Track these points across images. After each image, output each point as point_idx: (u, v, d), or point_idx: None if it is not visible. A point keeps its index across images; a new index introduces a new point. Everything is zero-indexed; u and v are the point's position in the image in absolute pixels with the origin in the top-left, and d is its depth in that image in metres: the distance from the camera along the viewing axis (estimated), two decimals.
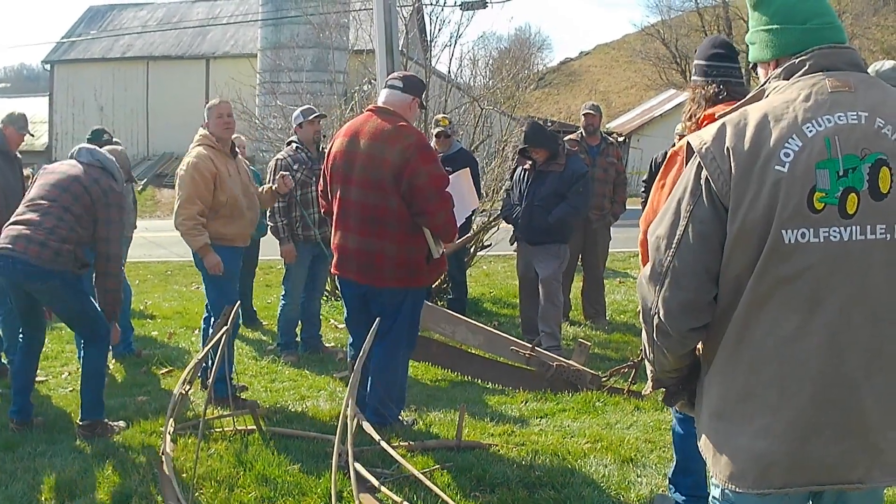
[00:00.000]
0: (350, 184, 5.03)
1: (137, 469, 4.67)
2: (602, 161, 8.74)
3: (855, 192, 2.00)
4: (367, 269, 5.06)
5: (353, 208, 5.04)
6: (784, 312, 2.05)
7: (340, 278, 5.32)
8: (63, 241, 5.17)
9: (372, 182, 4.93)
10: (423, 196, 4.89)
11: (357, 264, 5.09)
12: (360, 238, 5.03)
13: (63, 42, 38.51)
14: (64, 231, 5.19)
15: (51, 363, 7.64)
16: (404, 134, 4.96)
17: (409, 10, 13.40)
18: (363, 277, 5.10)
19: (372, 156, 4.93)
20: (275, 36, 26.31)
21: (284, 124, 11.58)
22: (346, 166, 5.05)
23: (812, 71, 2.14)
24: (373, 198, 4.95)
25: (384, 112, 5.07)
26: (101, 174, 5.42)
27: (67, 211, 5.24)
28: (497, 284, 11.60)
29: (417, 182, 4.86)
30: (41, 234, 5.13)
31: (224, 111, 6.17)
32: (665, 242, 2.16)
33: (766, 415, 2.08)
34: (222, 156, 6.11)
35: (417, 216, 4.95)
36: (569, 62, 59.68)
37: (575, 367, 6.25)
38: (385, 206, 4.93)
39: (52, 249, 5.13)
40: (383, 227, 4.96)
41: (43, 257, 5.11)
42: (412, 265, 5.05)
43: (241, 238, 6.22)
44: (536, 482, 4.32)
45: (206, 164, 5.95)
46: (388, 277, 5.04)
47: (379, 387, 5.14)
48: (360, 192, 4.99)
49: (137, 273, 13.50)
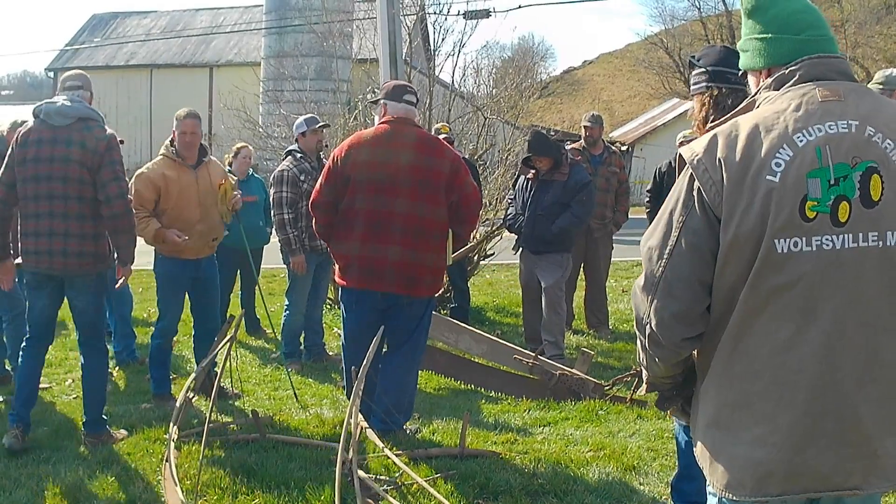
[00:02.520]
0: (390, 194, 4.98)
1: (141, 476, 4.69)
2: (604, 170, 8.75)
3: (846, 200, 2.01)
4: (406, 281, 5.04)
5: (399, 220, 4.99)
6: (778, 322, 2.06)
7: (363, 291, 5.13)
8: (95, 238, 5.15)
9: (424, 194, 4.99)
10: (469, 207, 5.13)
11: (397, 276, 5.02)
12: (404, 250, 4.99)
13: (67, 50, 38.66)
14: (89, 227, 5.12)
15: (54, 370, 7.66)
16: (445, 147, 5.19)
17: (413, 19, 13.45)
18: (402, 289, 5.06)
19: (421, 167, 4.99)
20: (278, 44, 26.40)
21: (288, 133, 11.61)
22: (381, 176, 4.99)
23: (802, 81, 2.16)
24: (423, 209, 5.00)
25: (411, 124, 5.18)
26: (85, 129, 5.09)
27: (81, 200, 5.09)
28: (500, 293, 11.60)
29: (466, 193, 5.08)
30: (73, 245, 5.07)
31: (188, 129, 6.19)
32: (657, 253, 2.18)
33: (762, 424, 2.09)
34: (178, 167, 6.16)
35: (460, 225, 5.20)
36: (572, 71, 59.77)
37: (578, 376, 6.26)
38: (433, 217, 5.03)
39: (89, 254, 5.13)
40: (427, 238, 5.04)
41: (85, 267, 5.14)
42: (440, 274, 5.30)
43: (190, 250, 6.21)
44: (539, 490, 4.33)
45: (151, 174, 6.07)
46: (425, 287, 5.14)
47: (391, 395, 5.09)
48: (409, 204, 4.97)
49: (141, 280, 13.46)
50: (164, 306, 6.36)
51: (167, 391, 6.38)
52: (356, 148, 5.11)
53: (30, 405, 5.37)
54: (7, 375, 6.93)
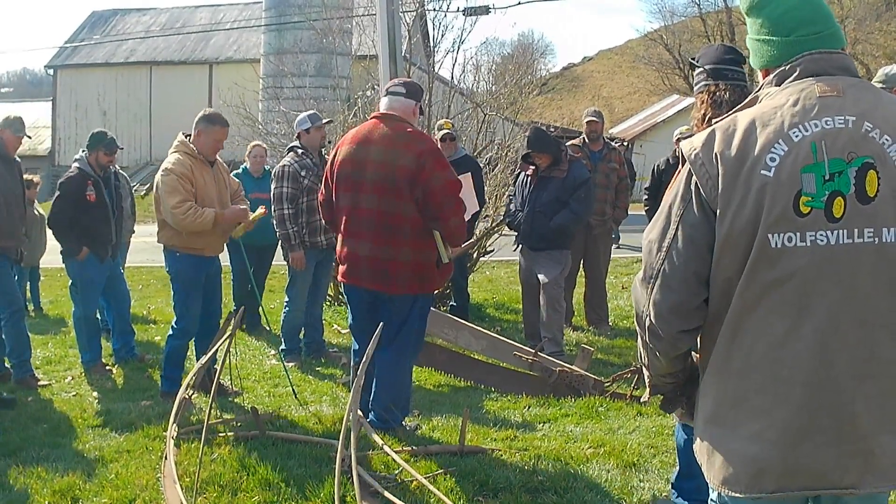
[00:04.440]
0: (362, 191, 5.01)
1: (141, 474, 4.68)
2: (604, 166, 8.74)
3: (841, 195, 2.01)
4: (380, 277, 5.04)
5: (367, 216, 5.01)
6: (773, 317, 2.06)
7: (349, 286, 5.29)
8: None
9: (386, 188, 4.93)
10: (437, 201, 4.91)
11: (370, 272, 5.06)
12: (374, 245, 5.01)
13: (66, 47, 38.67)
14: None
15: (54, 367, 7.67)
16: (417, 140, 4.99)
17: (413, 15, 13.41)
18: (376, 285, 5.08)
19: (385, 162, 4.93)
20: (278, 41, 26.41)
21: (288, 129, 11.59)
22: (356, 174, 5.03)
23: (802, 76, 2.16)
24: (387, 204, 4.95)
25: (391, 118, 5.08)
26: None
27: None
28: (500, 290, 11.61)
29: (433, 187, 4.89)
30: None
31: (221, 137, 6.28)
32: (656, 246, 2.19)
33: (759, 420, 2.09)
34: (199, 164, 6.19)
35: (432, 221, 4.97)
36: (572, 68, 59.80)
37: (578, 373, 6.25)
38: (400, 212, 4.93)
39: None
40: (398, 234, 4.96)
41: None
42: (424, 271, 5.06)
43: (210, 248, 6.29)
44: (539, 487, 4.33)
45: (183, 169, 6.06)
46: (402, 284, 5.04)
47: (384, 392, 5.14)
48: (374, 199, 4.97)
49: (140, 278, 13.52)
50: (183, 306, 6.32)
51: (177, 390, 6.38)
52: (341, 146, 5.21)
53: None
54: (7, 373, 6.94)
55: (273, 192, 7.32)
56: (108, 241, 7.28)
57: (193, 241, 6.15)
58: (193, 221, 5.96)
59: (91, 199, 7.06)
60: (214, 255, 6.40)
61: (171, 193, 5.98)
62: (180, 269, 6.28)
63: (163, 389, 6.42)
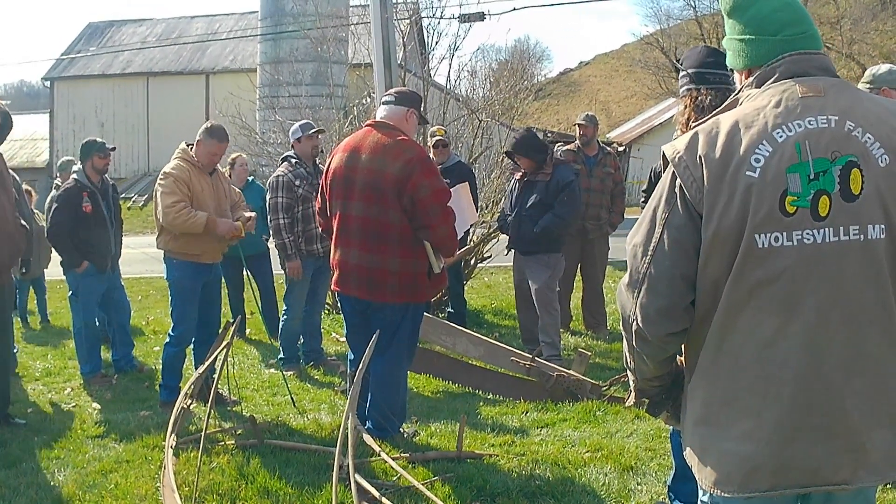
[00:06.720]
0: (351, 199, 5.02)
1: (140, 483, 4.69)
2: (599, 171, 8.75)
3: (826, 194, 2.03)
4: (368, 285, 5.05)
5: (355, 223, 5.03)
6: (762, 316, 2.07)
7: (341, 294, 5.30)
8: None
9: (374, 196, 4.93)
10: (425, 210, 4.89)
11: (359, 280, 5.07)
12: (362, 253, 5.01)
13: (63, 59, 38.65)
14: None
15: (53, 379, 7.68)
16: (405, 148, 4.97)
17: (407, 23, 13.46)
18: (365, 293, 5.09)
19: (373, 170, 4.93)
20: (274, 51, 26.46)
21: (284, 139, 11.60)
22: (346, 182, 5.04)
23: (783, 77, 2.17)
24: (375, 212, 4.94)
25: (383, 126, 5.09)
26: None
27: None
28: (498, 296, 11.61)
29: (420, 196, 4.86)
30: None
31: (220, 151, 6.40)
32: (641, 250, 2.20)
33: (749, 419, 2.10)
34: (198, 171, 6.29)
35: (420, 230, 4.95)
36: (568, 72, 59.90)
37: (575, 377, 6.26)
38: (387, 220, 4.92)
39: None
40: (386, 243, 4.95)
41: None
42: (414, 280, 5.04)
43: (207, 254, 6.33)
44: (537, 492, 4.34)
45: (181, 173, 6.17)
46: (390, 293, 5.03)
47: (380, 400, 5.14)
48: (362, 207, 4.98)
49: (139, 289, 13.52)
50: (180, 313, 6.38)
51: (175, 400, 6.39)
52: (335, 154, 5.24)
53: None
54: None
55: (268, 201, 7.33)
56: (108, 252, 7.31)
57: (190, 247, 6.20)
58: (185, 222, 6.04)
59: (87, 210, 7.09)
60: (212, 263, 6.43)
61: (167, 194, 6.09)
62: (178, 277, 6.34)
63: (161, 399, 6.44)
